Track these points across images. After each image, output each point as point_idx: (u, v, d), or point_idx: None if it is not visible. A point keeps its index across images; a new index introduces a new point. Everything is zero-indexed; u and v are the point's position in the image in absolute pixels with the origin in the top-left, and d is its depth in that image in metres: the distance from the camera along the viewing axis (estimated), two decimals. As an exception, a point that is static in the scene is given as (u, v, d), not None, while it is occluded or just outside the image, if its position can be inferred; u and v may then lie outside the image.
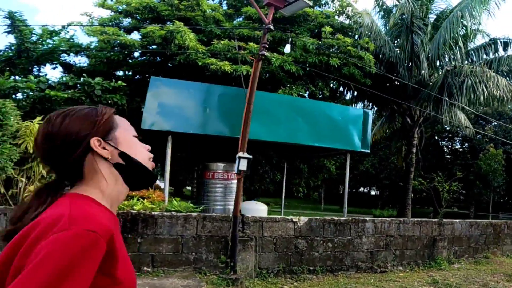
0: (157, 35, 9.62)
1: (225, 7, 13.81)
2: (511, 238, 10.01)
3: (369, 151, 9.70)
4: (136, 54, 12.20)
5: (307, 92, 12.94)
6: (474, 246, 9.24)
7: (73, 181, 1.00)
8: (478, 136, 24.78)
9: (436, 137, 26.19)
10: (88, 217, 0.86)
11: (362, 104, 18.94)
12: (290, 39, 9.30)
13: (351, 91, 17.09)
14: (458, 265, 8.67)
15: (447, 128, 28.86)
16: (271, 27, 6.30)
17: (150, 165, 1.06)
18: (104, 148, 0.98)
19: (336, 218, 7.33)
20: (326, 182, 37.15)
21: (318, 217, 7.17)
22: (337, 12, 15.07)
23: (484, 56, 16.54)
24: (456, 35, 14.92)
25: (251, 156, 6.19)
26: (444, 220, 8.74)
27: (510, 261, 9.44)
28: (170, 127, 7.75)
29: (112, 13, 12.29)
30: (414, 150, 17.23)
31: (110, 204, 1.00)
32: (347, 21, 15.38)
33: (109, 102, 8.62)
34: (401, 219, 8.21)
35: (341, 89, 17.58)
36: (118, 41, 9.99)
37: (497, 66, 14.69)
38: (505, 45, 16.64)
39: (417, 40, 15.08)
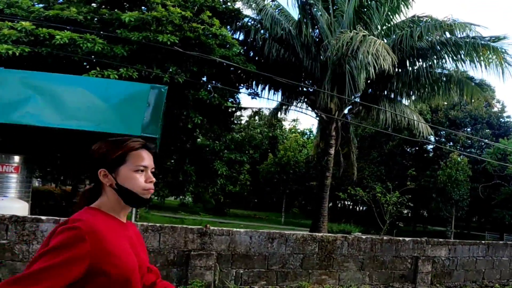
0: None
1: None
2: (356, 260, 6.98)
3: (157, 136, 7.08)
4: None
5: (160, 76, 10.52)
6: (279, 269, 6.34)
7: (99, 193, 1.42)
8: (450, 142, 21.19)
9: (404, 145, 22.74)
10: (80, 220, 1.26)
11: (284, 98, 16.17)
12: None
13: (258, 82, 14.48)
14: (234, 295, 5.84)
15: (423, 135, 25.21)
16: None
17: (143, 193, 1.40)
18: (107, 177, 1.37)
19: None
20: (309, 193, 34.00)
21: None
22: None
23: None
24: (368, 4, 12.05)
25: None
26: (214, 228, 5.94)
27: (337, 294, 6.45)
28: None
29: None
30: (332, 151, 14.28)
31: (117, 213, 1.41)
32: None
33: None
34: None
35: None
36: None
37: (407, 44, 11.54)
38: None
39: (318, 15, 12.39)
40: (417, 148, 22.51)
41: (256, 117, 18.32)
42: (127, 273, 1.29)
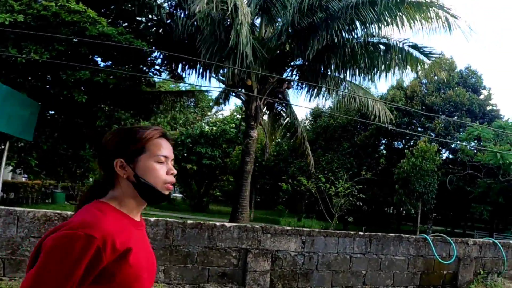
0: None
1: None
2: (181, 255, 5.18)
3: None
4: None
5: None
6: (7, 257, 4.63)
7: (111, 186, 1.22)
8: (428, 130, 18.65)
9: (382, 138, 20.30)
10: (87, 224, 1.05)
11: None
12: None
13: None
14: None
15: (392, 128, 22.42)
16: None
17: (163, 187, 1.21)
18: (124, 168, 1.18)
19: None
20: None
21: None
22: None
23: None
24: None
25: None
26: None
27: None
28: None
29: None
30: (254, 133, 12.41)
31: (130, 210, 1.21)
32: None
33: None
34: None
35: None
36: None
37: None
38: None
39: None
40: (390, 138, 20.07)
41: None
42: (136, 276, 1.15)
